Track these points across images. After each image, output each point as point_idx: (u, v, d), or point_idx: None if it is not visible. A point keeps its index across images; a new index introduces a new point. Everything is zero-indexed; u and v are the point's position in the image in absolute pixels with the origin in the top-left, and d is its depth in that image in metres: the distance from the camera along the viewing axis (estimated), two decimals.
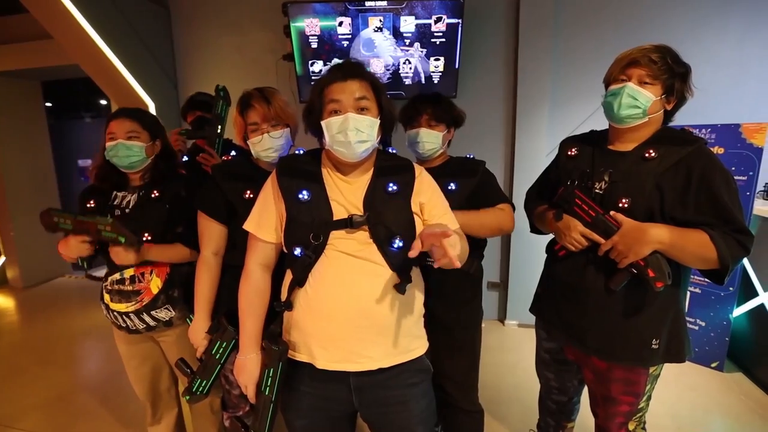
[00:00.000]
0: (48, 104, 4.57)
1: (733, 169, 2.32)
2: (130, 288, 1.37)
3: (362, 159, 1.02)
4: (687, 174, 1.05)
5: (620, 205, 1.10)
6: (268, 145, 1.27)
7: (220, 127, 1.74)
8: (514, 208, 1.46)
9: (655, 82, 1.09)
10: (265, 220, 1.05)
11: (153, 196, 1.39)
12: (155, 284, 1.38)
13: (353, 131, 0.96)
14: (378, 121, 1.01)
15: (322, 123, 1.00)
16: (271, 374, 1.02)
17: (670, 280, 1.05)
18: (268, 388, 1.02)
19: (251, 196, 1.19)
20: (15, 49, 3.71)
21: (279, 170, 1.05)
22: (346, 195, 1.02)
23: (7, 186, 4.07)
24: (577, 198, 1.16)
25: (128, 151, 1.34)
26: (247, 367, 1.06)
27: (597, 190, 1.17)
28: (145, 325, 1.40)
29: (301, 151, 1.15)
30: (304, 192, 0.99)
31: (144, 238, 1.35)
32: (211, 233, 1.27)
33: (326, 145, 1.03)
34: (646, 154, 1.11)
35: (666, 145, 1.10)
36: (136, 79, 3.08)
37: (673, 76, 1.09)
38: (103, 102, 4.86)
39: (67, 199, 4.63)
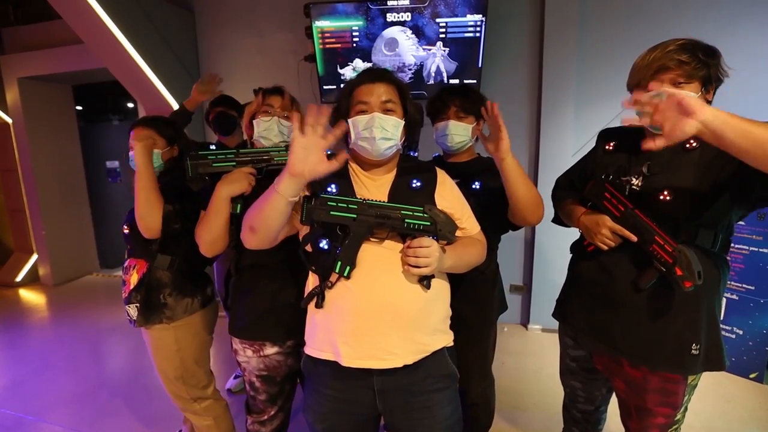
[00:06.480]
0: (78, 107, 4.71)
1: None
2: (124, 277, 1.46)
3: (385, 158, 1.06)
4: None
5: (661, 197, 1.06)
6: (274, 128, 1.30)
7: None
8: None
9: (692, 80, 1.00)
10: None
11: None
12: (133, 280, 1.44)
13: (378, 129, 1.01)
14: (402, 122, 1.05)
15: (349, 121, 1.04)
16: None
17: (701, 281, 0.98)
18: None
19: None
20: (48, 54, 3.84)
21: None
22: (371, 191, 1.06)
23: (39, 186, 4.21)
24: (607, 192, 1.13)
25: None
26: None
27: (634, 186, 1.12)
28: (127, 317, 1.47)
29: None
30: (333, 186, 1.02)
31: (124, 231, 1.46)
32: None
33: (351, 143, 1.06)
34: (687, 145, 1.05)
35: None
36: (161, 82, 3.13)
37: (709, 68, 1.01)
38: (130, 105, 4.98)
39: (96, 199, 4.75)
